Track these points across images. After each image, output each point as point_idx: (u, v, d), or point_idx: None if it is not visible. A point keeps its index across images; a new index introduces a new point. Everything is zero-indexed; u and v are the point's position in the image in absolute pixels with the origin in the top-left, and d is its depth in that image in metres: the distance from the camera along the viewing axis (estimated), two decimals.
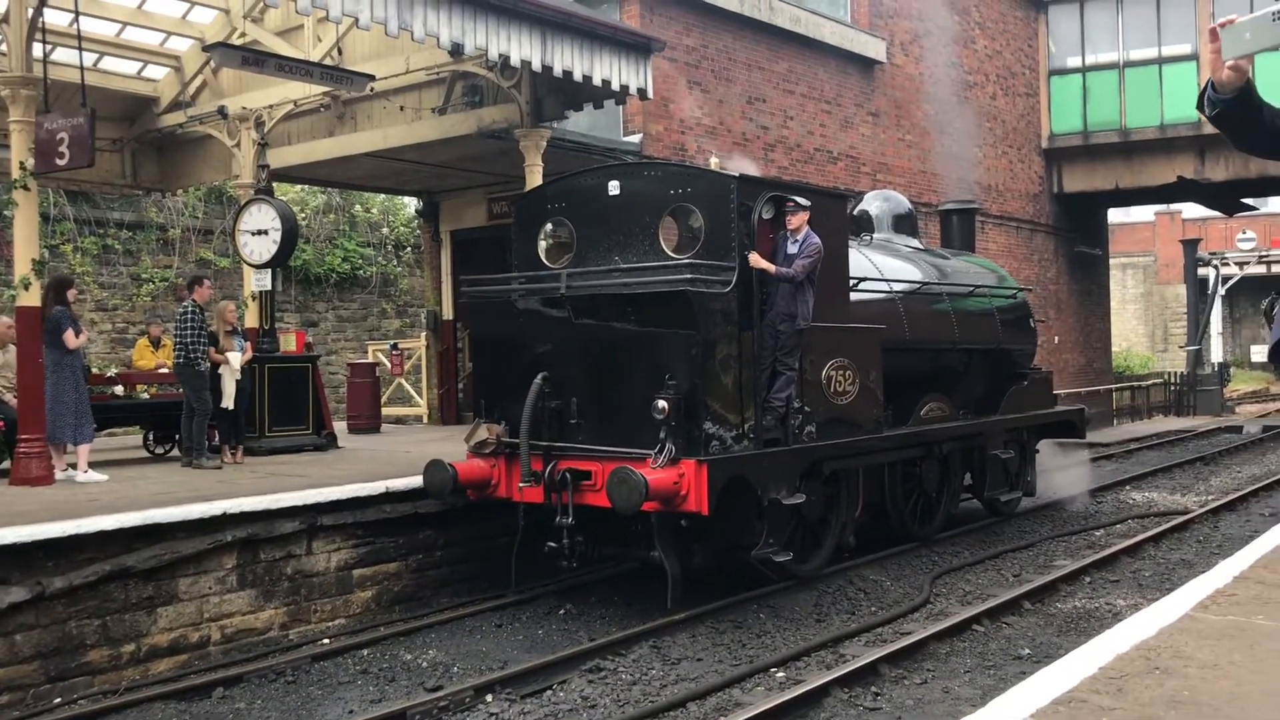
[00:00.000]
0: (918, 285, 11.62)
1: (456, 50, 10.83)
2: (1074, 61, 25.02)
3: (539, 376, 8.60)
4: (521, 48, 10.58)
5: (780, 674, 7.35)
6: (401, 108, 13.63)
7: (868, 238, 12.31)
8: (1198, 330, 33.14)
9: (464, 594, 9.50)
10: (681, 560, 8.58)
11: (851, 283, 10.13)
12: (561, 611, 8.91)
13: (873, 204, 13.01)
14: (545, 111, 12.49)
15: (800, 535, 9.42)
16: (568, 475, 8.46)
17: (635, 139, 14.78)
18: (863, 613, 8.95)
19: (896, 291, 11.17)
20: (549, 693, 7.02)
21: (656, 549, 8.34)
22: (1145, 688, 4.00)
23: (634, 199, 9.26)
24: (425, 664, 7.74)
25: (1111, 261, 31.94)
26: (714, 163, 9.63)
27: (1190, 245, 34.88)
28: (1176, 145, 23.93)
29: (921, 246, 12.99)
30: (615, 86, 11.49)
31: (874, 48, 18.95)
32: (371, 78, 12.49)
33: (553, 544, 8.60)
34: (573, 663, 7.47)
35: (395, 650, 8.03)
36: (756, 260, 8.64)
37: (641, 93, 11.84)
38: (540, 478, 8.49)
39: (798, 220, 8.95)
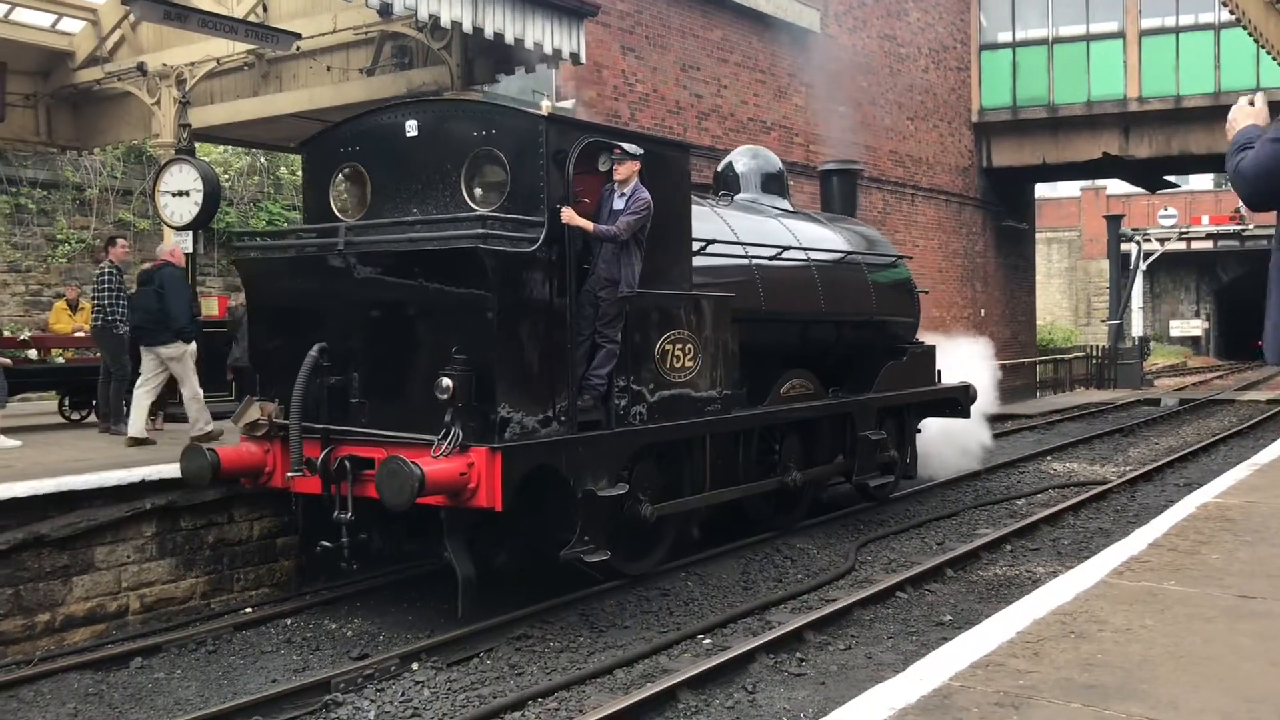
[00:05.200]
0: (778, 250, 10.43)
1: (385, 10, 10.58)
2: (1004, 37, 25.30)
3: (315, 348, 7.55)
4: (452, 8, 10.37)
5: (707, 641, 7.40)
6: (329, 68, 13.32)
7: (729, 197, 11.24)
8: (1119, 305, 33.88)
9: (391, 561, 9.38)
10: (485, 559, 7.71)
11: (698, 245, 9.11)
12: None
13: (740, 161, 12.00)
14: (476, 74, 12.29)
15: (638, 528, 8.53)
16: (346, 463, 7.36)
17: (568, 104, 14.63)
18: (789, 580, 9.04)
19: (752, 256, 10.06)
20: (476, 661, 6.99)
21: (447, 548, 7.28)
22: (1061, 651, 4.07)
23: (434, 142, 8.05)
24: (350, 633, 7.66)
25: (1037, 236, 32.53)
26: (546, 106, 8.45)
27: (1113, 221, 35.58)
28: (1102, 122, 24.36)
29: (791, 208, 12.00)
30: (548, 50, 11.33)
31: (808, 18, 18.95)
32: (298, 36, 12.18)
33: (326, 543, 7.52)
34: (500, 631, 7.45)
35: (320, 619, 7.94)
36: (570, 216, 7.51)
37: (574, 57, 11.69)
38: (315, 466, 7.45)
39: (625, 171, 7.87)
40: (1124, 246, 36.14)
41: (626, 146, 7.94)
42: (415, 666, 6.84)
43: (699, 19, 16.81)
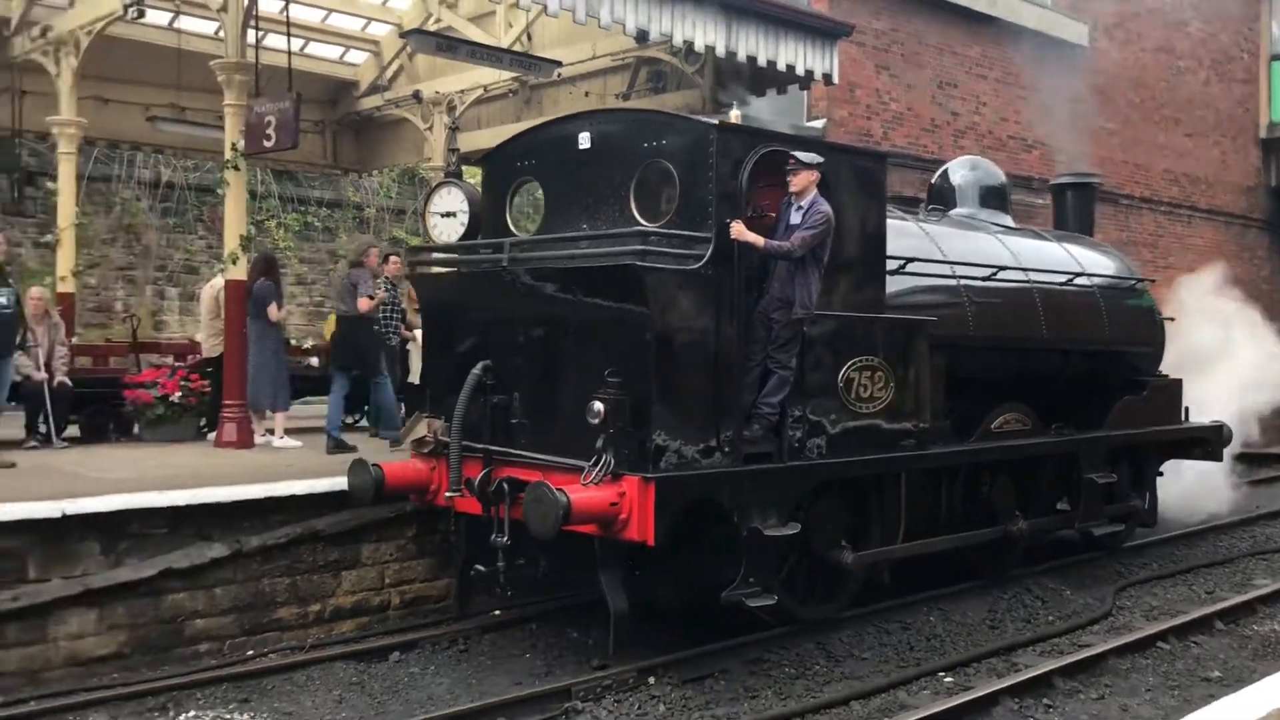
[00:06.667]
0: (992, 270, 9.54)
1: (642, 36, 10.90)
2: None
3: (479, 366, 7.40)
4: (706, 33, 10.57)
5: (948, 679, 7.19)
6: (586, 94, 13.82)
7: (938, 211, 10.51)
8: None
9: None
10: (642, 594, 7.29)
11: (896, 264, 8.43)
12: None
13: (957, 173, 11.06)
14: (728, 97, 12.44)
15: (815, 569, 7.95)
16: (504, 485, 7.14)
17: (818, 124, 14.57)
18: (1039, 622, 8.64)
19: (961, 276, 9.22)
20: (711, 680, 7.03)
21: (600, 580, 6.90)
22: None
23: (606, 154, 7.67)
24: (591, 642, 7.84)
25: None
26: (734, 115, 7.97)
27: None
28: None
29: (1014, 225, 11.02)
30: (800, 72, 11.36)
31: (1075, 31, 18.10)
32: (558, 64, 12.71)
33: (480, 566, 7.46)
34: (736, 652, 7.47)
35: (563, 626, 8.18)
36: (739, 231, 6.97)
37: (827, 78, 11.67)
38: (473, 486, 7.30)
39: (801, 182, 7.28)
40: None
41: (801, 155, 7.32)
42: (652, 681, 6.94)
43: (958, 35, 16.37)
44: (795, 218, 7.31)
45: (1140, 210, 19.57)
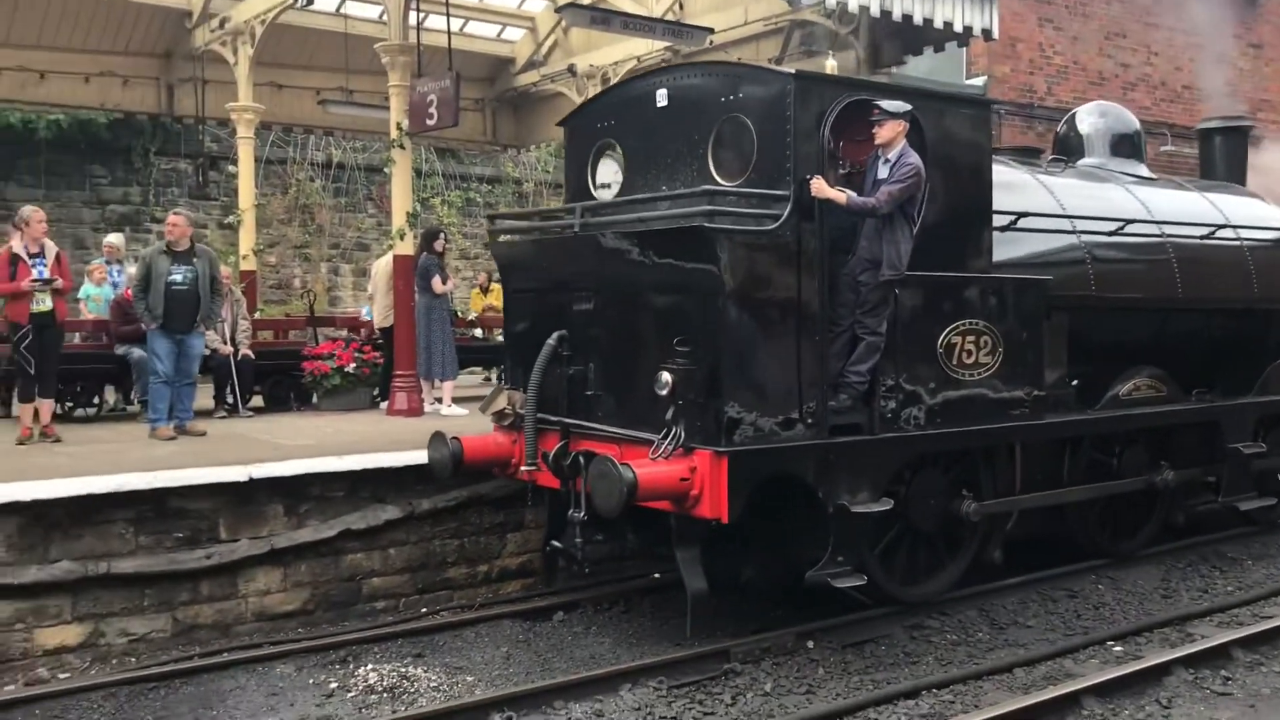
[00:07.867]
0: (1118, 224, 8.75)
1: None
2: None
3: (554, 335, 7.12)
4: None
5: (1118, 648, 6.99)
6: (738, 59, 13.74)
7: (1062, 162, 9.72)
8: None
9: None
10: (728, 573, 7.12)
11: (1006, 220, 7.81)
12: None
13: (1085, 121, 10.24)
14: (883, 57, 12.22)
15: (916, 546, 7.53)
16: (580, 459, 6.78)
17: (979, 81, 14.17)
18: (1217, 591, 8.30)
19: (1082, 231, 8.50)
20: (871, 646, 7.02)
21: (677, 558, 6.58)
22: None
23: (683, 111, 7.27)
24: (750, 607, 7.91)
25: None
26: (830, 66, 7.49)
27: None
28: None
29: (1149, 174, 10.12)
30: (958, 28, 11.06)
31: None
32: (710, 31, 12.69)
33: (556, 543, 7.25)
34: (896, 618, 7.42)
35: (722, 590, 8.19)
36: (820, 187, 6.45)
37: (986, 33, 11.33)
38: (548, 459, 7.04)
39: (888, 133, 6.75)
40: None
41: (885, 105, 6.78)
42: (810, 645, 6.97)
43: None
44: (882, 171, 6.81)
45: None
